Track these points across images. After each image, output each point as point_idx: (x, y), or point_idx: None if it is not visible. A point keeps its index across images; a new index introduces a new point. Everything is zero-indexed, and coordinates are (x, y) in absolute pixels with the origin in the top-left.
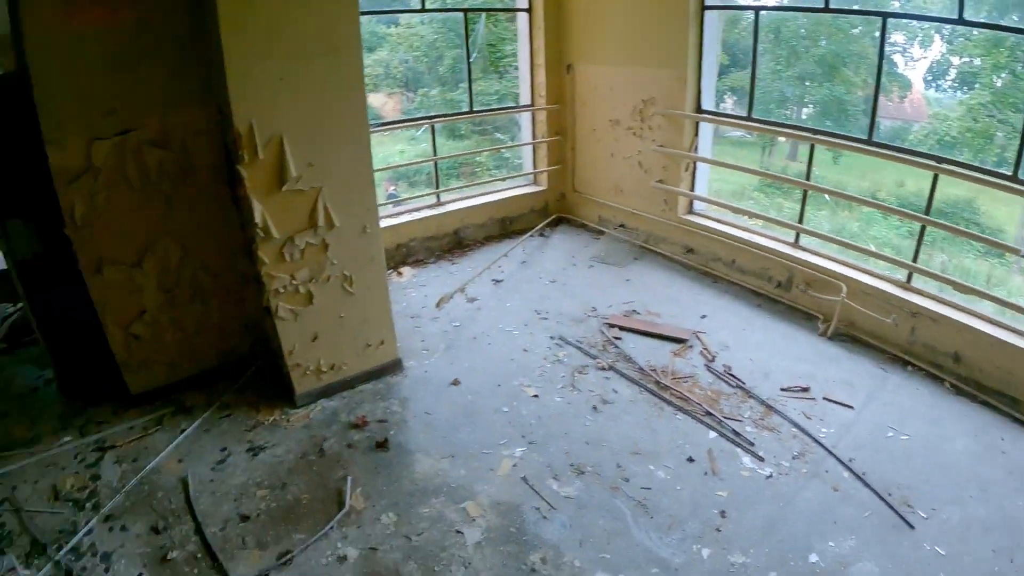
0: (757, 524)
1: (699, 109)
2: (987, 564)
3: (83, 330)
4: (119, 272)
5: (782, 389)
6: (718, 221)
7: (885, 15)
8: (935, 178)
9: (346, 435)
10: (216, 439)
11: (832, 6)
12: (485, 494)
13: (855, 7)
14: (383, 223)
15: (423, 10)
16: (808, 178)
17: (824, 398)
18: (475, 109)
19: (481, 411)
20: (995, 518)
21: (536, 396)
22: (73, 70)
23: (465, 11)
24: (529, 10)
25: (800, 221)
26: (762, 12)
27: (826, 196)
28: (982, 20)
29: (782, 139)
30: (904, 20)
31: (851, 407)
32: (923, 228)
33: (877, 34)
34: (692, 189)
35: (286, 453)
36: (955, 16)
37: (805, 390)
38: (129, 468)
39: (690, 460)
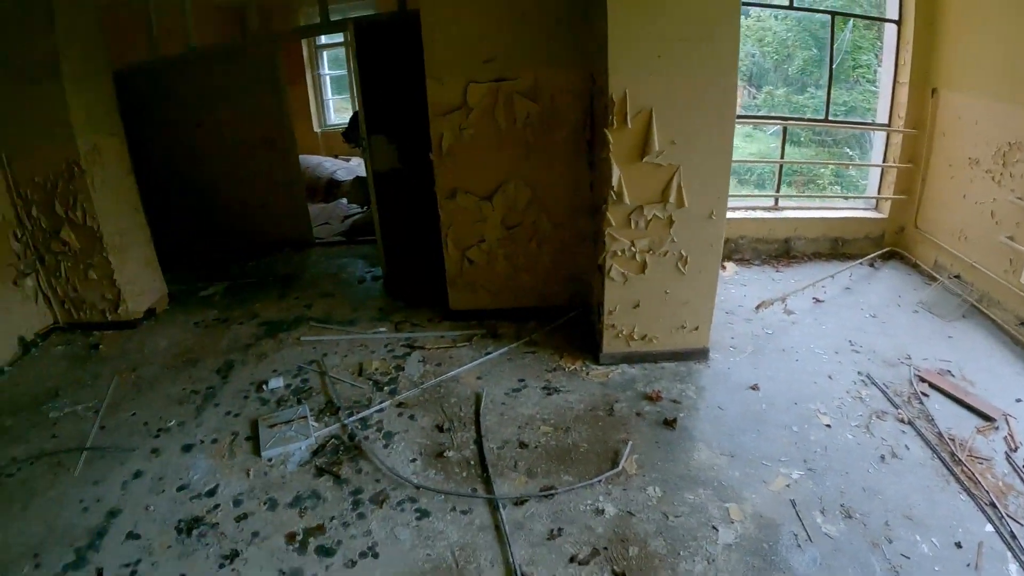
0: None
1: None
2: None
3: (418, 242)
4: (469, 201)
5: None
6: None
7: None
8: None
9: (638, 404)
10: (517, 370)
11: None
12: (751, 502)
13: None
14: None
15: (790, 7)
16: None
17: None
18: (830, 119)
19: (771, 422)
20: None
21: (828, 426)
22: (459, 19)
23: (833, 14)
24: (899, 22)
25: None
26: None
27: None
28: None
29: None
30: None
31: None
32: None
33: None
34: None
35: (578, 402)
36: None
37: None
38: (431, 369)
39: (958, 546)
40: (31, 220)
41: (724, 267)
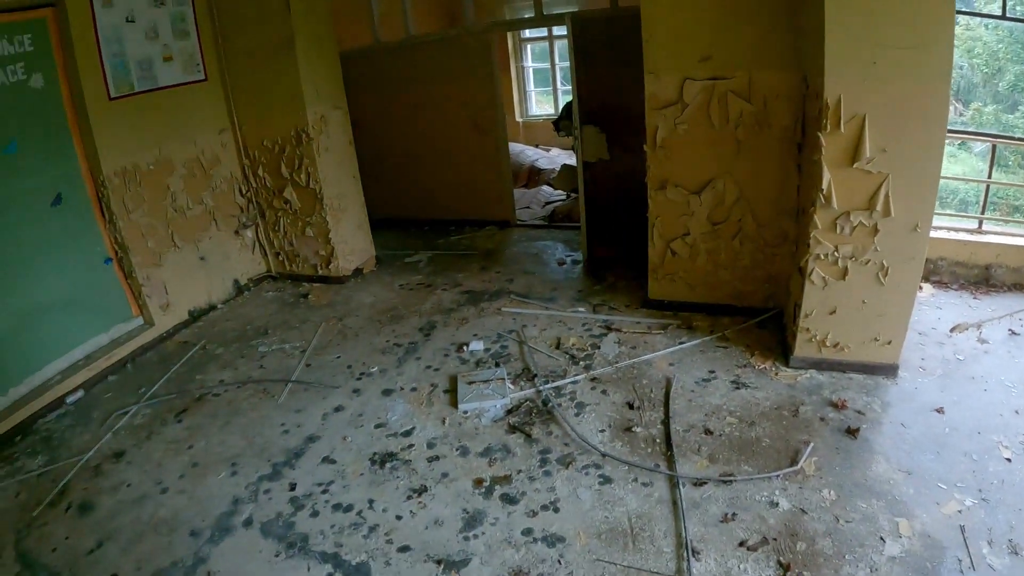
0: None
1: None
2: None
3: (621, 231)
4: (679, 195)
5: None
6: None
7: None
8: None
9: (823, 409)
10: (708, 361)
11: None
12: (920, 521)
13: None
14: None
15: (1002, 17)
16: None
17: None
18: None
19: (951, 447)
20: None
21: (1009, 460)
22: (677, 17)
23: None
24: None
25: None
26: None
27: None
28: None
29: None
30: None
31: None
32: None
33: None
34: None
35: (764, 399)
36: None
37: None
38: (626, 351)
39: None
40: (256, 179)
41: (921, 287)
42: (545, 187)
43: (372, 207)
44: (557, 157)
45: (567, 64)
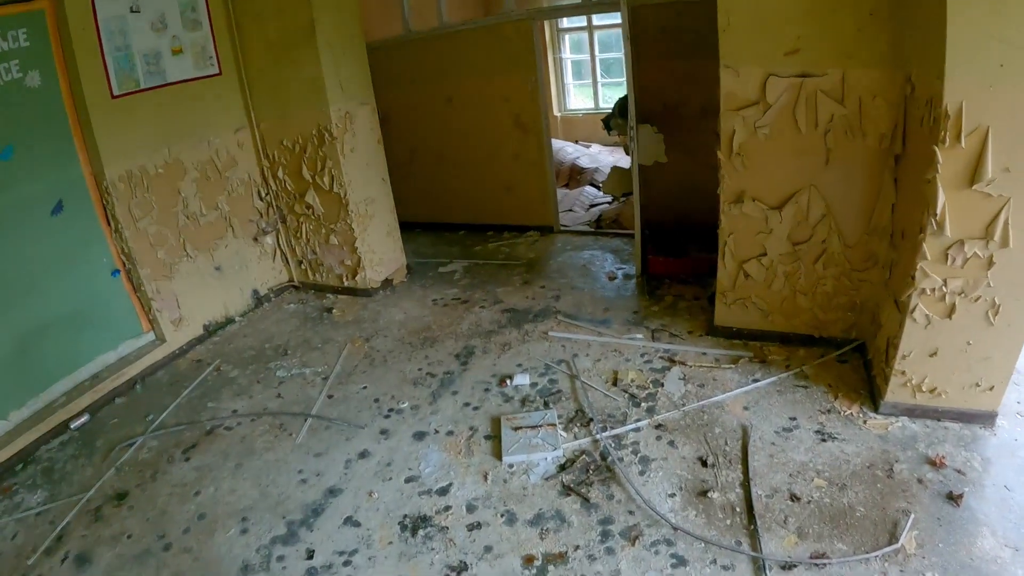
0: None
1: None
2: None
3: (681, 245)
4: (757, 210)
5: None
6: None
7: None
8: None
9: (920, 468)
10: (787, 405)
11: None
12: None
13: None
14: None
15: None
16: None
17: None
18: None
19: None
20: None
21: None
22: (761, 2)
23: None
24: None
25: None
26: None
27: None
28: None
29: None
30: None
31: None
32: None
33: None
34: None
35: (855, 455)
36: None
37: None
38: (693, 390)
39: None
40: (276, 181)
41: None
42: (588, 187)
43: (403, 210)
44: (599, 154)
45: (607, 56)
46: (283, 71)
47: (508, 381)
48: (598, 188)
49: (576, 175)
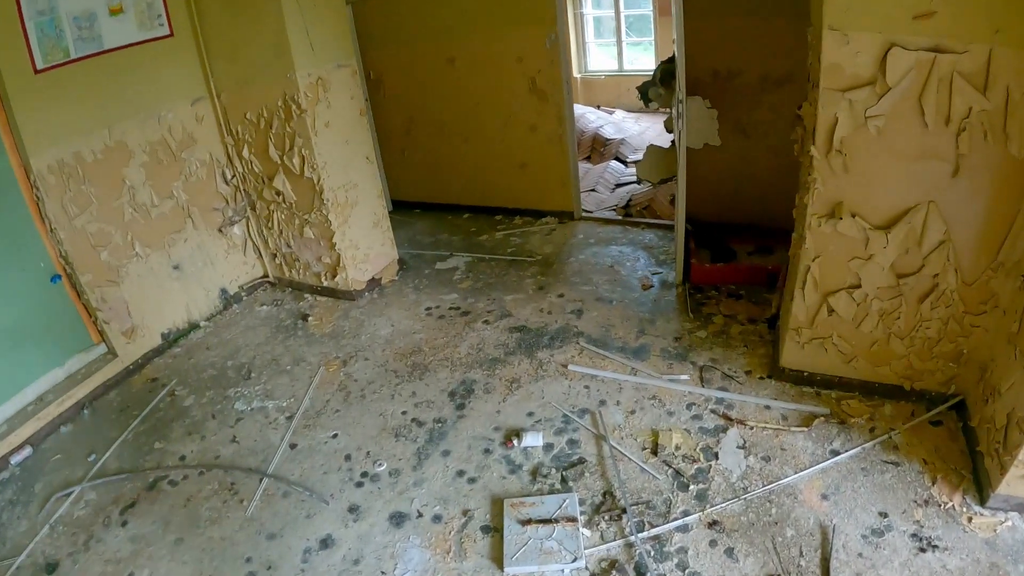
0: None
1: None
2: None
3: (731, 249)
4: (856, 228)
5: None
6: None
7: None
8: None
9: None
10: (875, 492)
11: None
12: None
13: None
14: None
15: None
16: None
17: None
18: None
19: None
20: None
21: None
22: None
23: None
24: None
25: None
26: None
27: None
28: None
29: None
30: None
31: None
32: None
33: None
34: None
35: (959, 571)
36: None
37: None
38: (756, 465)
39: None
40: (242, 161)
41: None
42: (614, 163)
43: (396, 189)
44: (623, 122)
45: (634, 12)
46: (242, 28)
47: (515, 440)
48: (624, 164)
49: (599, 147)
